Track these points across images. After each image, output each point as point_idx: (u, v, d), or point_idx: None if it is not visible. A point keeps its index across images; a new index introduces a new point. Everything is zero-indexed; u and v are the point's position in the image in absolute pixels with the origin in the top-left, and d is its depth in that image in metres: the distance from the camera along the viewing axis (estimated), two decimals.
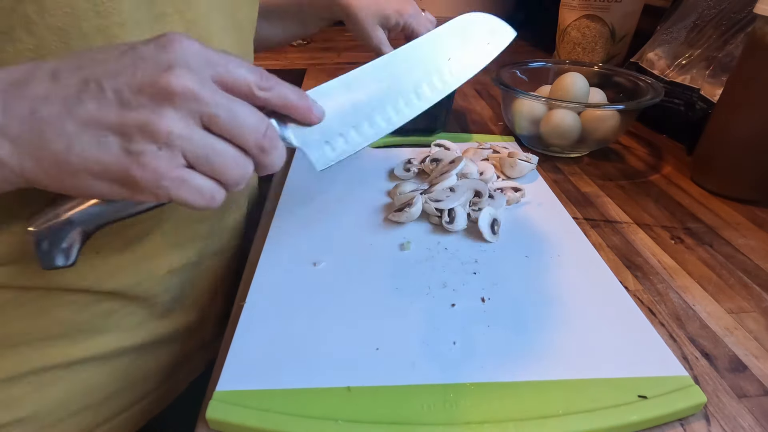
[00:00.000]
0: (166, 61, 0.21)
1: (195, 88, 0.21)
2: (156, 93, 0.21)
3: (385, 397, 0.24)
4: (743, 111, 0.43)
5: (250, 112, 0.23)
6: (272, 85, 0.24)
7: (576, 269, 0.34)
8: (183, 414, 0.42)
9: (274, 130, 0.24)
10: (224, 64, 0.22)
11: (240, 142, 0.23)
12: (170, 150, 0.21)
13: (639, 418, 0.24)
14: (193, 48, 0.22)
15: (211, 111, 0.22)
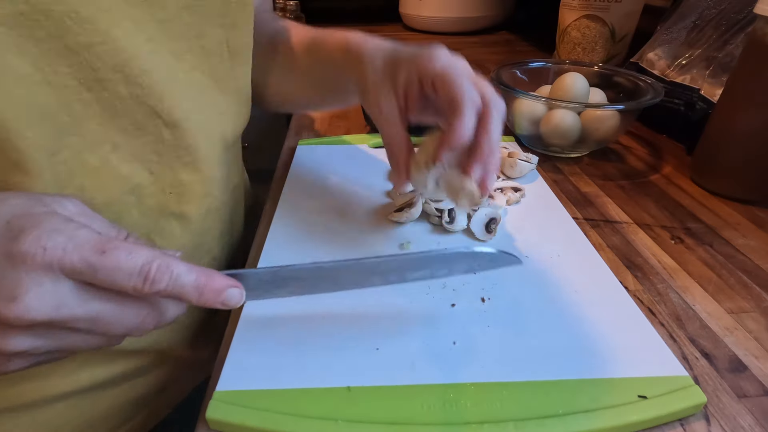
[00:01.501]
0: (13, 287, 0.18)
1: (45, 317, 0.19)
2: (2, 323, 0.19)
3: (385, 397, 0.24)
4: (743, 111, 0.43)
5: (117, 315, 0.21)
6: (159, 289, 0.20)
7: (576, 269, 0.34)
8: (183, 414, 0.42)
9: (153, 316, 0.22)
10: (91, 273, 0.19)
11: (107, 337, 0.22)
12: (22, 358, 0.20)
13: (639, 418, 0.24)
14: (48, 259, 0.19)
15: (69, 326, 0.20)
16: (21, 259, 0.18)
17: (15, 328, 0.19)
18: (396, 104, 0.31)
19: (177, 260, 0.21)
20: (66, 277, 0.19)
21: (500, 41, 1.15)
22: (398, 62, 0.31)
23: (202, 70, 0.33)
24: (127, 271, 0.20)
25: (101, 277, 0.20)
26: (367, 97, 0.33)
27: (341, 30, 0.39)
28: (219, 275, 0.23)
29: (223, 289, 0.23)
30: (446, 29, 1.18)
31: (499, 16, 1.21)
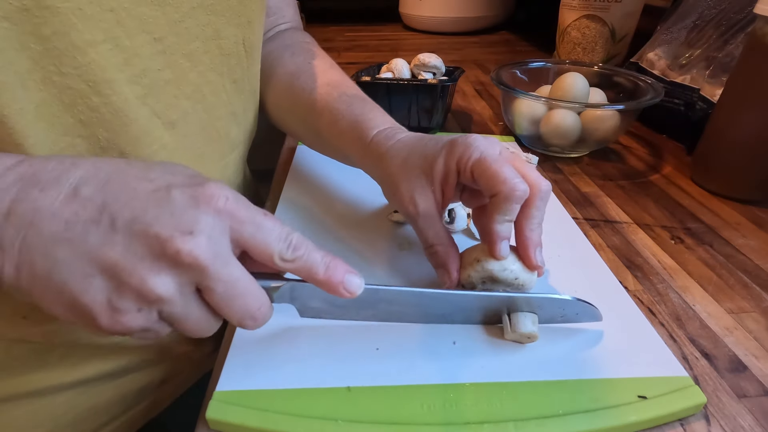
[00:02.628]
0: (191, 222, 0.19)
1: (205, 262, 0.19)
2: (164, 253, 0.19)
3: (385, 397, 0.24)
4: (743, 111, 0.43)
5: (249, 290, 0.22)
6: (298, 256, 0.22)
7: (576, 269, 0.34)
8: (183, 414, 0.42)
9: (267, 308, 0.23)
10: (251, 229, 0.21)
11: (223, 315, 0.22)
12: (150, 311, 0.20)
13: (639, 418, 0.24)
14: (227, 208, 0.20)
15: (211, 285, 0.20)
16: (205, 201, 0.20)
17: (171, 267, 0.19)
18: (433, 200, 0.30)
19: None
20: (230, 230, 0.21)
21: (500, 41, 1.15)
22: (432, 156, 0.30)
23: (220, 72, 0.32)
24: (279, 235, 0.22)
25: (260, 236, 0.21)
26: (397, 195, 0.31)
27: (362, 105, 0.36)
28: (340, 260, 0.24)
29: (344, 272, 0.23)
30: (446, 29, 1.18)
31: (499, 16, 1.21)
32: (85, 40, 0.23)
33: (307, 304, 0.27)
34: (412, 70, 0.65)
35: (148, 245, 0.19)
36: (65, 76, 0.24)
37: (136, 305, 0.20)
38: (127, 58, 0.26)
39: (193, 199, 0.20)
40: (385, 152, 0.32)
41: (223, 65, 0.33)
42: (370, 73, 0.65)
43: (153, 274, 0.19)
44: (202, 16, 0.29)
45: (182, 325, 0.22)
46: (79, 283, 0.19)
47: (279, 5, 0.47)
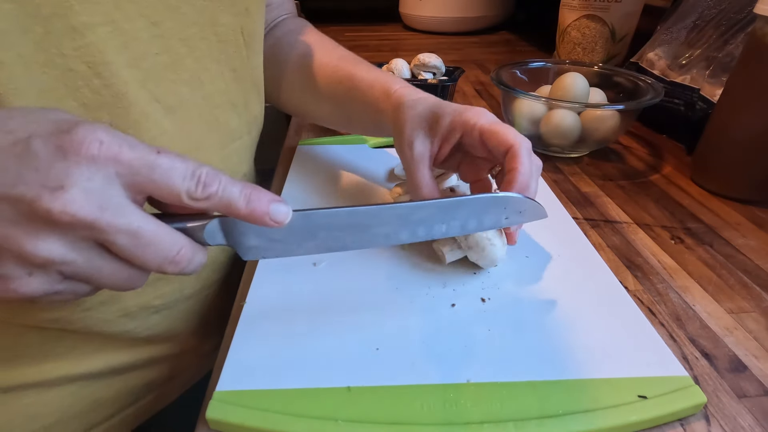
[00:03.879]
0: (59, 176, 0.17)
1: (87, 216, 0.17)
2: (35, 216, 0.17)
3: (385, 397, 0.24)
4: (743, 111, 0.43)
5: (159, 235, 0.20)
6: (212, 192, 0.20)
7: (576, 269, 0.34)
8: (183, 414, 0.42)
9: (188, 250, 0.21)
10: (145, 172, 0.19)
11: (138, 266, 0.20)
12: (45, 274, 0.18)
13: (639, 418, 0.24)
14: (104, 153, 0.18)
15: (109, 238, 0.18)
16: (74, 150, 0.17)
17: (50, 227, 0.17)
18: (429, 148, 0.33)
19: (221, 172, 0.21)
20: (117, 177, 0.18)
21: (500, 41, 1.15)
22: (441, 112, 0.33)
23: (218, 59, 0.33)
24: (182, 172, 0.19)
25: (157, 177, 0.19)
26: (400, 138, 0.34)
27: (380, 71, 0.40)
28: (263, 189, 0.22)
29: (269, 201, 0.22)
30: (446, 29, 1.18)
31: (499, 16, 1.21)
32: (83, 22, 0.24)
33: (242, 243, 0.25)
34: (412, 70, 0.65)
35: (15, 208, 0.17)
36: (66, 57, 0.24)
37: (24, 270, 0.18)
38: (126, 42, 0.26)
39: (60, 149, 0.17)
40: (404, 102, 0.35)
41: (220, 53, 0.33)
42: None
43: (30, 237, 0.17)
44: (198, 2, 0.30)
45: (97, 282, 0.20)
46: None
47: (281, 0, 0.50)
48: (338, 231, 0.26)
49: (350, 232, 0.26)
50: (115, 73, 0.26)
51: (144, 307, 0.34)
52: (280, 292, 0.32)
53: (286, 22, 0.50)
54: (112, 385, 0.36)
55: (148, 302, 0.34)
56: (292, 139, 0.57)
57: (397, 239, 0.27)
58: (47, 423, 0.34)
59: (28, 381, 0.32)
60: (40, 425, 0.33)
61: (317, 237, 0.26)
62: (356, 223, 0.26)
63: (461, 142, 0.33)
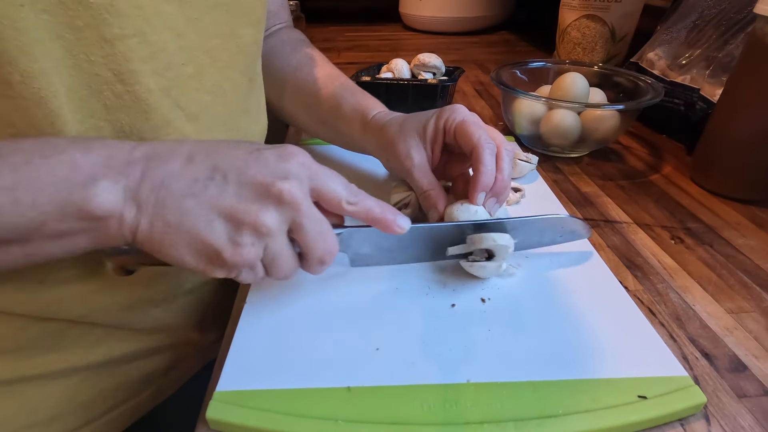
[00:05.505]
0: (284, 171, 0.24)
1: (299, 199, 0.24)
2: (269, 194, 0.24)
3: (385, 397, 0.24)
4: (743, 111, 0.43)
5: (329, 231, 0.26)
6: (359, 200, 0.27)
7: (576, 269, 0.34)
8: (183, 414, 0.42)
9: (337, 252, 0.27)
10: (324, 179, 0.26)
11: (308, 250, 0.26)
12: (261, 244, 0.24)
13: (639, 418, 0.24)
14: (305, 162, 0.25)
15: (303, 222, 0.25)
16: (290, 156, 0.25)
17: (275, 204, 0.24)
18: (425, 154, 0.36)
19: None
20: (309, 180, 0.25)
21: (500, 41, 1.15)
22: (424, 119, 0.36)
23: (240, 70, 0.35)
24: (342, 182, 0.27)
25: (331, 185, 0.26)
26: (394, 154, 0.36)
27: (362, 94, 0.43)
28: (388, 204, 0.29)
29: (395, 212, 0.28)
30: (446, 29, 1.18)
31: (499, 16, 1.21)
32: (114, 34, 0.25)
33: (358, 251, 0.32)
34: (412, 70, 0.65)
35: (255, 190, 0.24)
36: (93, 64, 0.26)
37: (251, 239, 0.24)
38: (154, 52, 0.28)
39: (281, 156, 0.25)
40: (385, 124, 0.38)
41: (240, 63, 0.35)
42: (370, 73, 0.65)
43: (263, 211, 0.24)
44: (218, 15, 0.31)
45: (276, 263, 0.26)
46: (205, 226, 0.23)
47: (277, 8, 0.51)
48: (429, 243, 0.33)
49: (435, 245, 0.33)
50: (139, 81, 0.27)
51: (144, 299, 0.35)
52: (280, 292, 0.32)
53: (281, 32, 0.50)
54: (113, 377, 0.37)
55: (149, 296, 0.35)
56: (293, 139, 0.57)
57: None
58: (48, 416, 0.34)
59: (31, 373, 0.32)
60: (42, 418, 0.34)
61: (415, 247, 0.33)
62: (443, 237, 0.32)
63: (445, 142, 0.36)
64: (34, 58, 0.23)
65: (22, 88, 0.23)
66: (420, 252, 0.33)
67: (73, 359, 0.34)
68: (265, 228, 0.24)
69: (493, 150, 0.33)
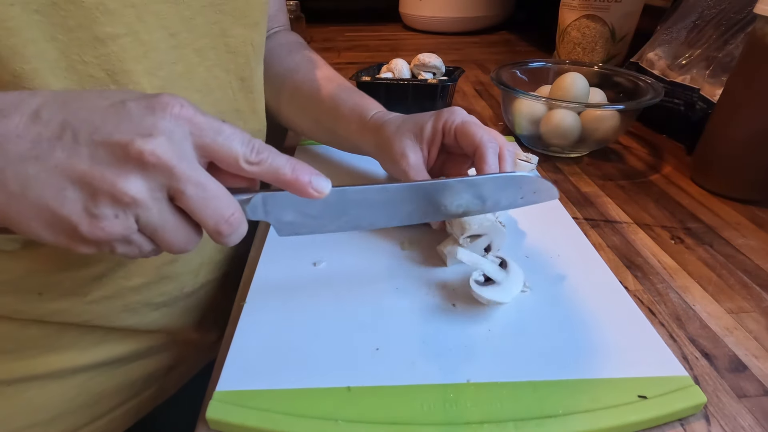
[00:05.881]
0: (149, 127, 0.20)
1: (170, 161, 0.20)
2: (129, 157, 0.20)
3: (385, 397, 0.24)
4: (743, 111, 0.43)
5: (220, 194, 0.22)
6: (263, 158, 0.23)
7: (576, 269, 0.34)
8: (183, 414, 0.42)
9: (240, 215, 0.23)
10: (211, 134, 0.22)
11: (199, 220, 0.22)
12: (126, 216, 0.21)
13: (639, 418, 0.24)
14: (182, 113, 0.21)
15: (180, 186, 0.21)
16: (161, 108, 0.21)
17: (138, 168, 0.20)
18: (421, 155, 0.36)
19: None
20: (191, 136, 0.21)
21: (500, 41, 1.15)
22: (421, 120, 0.36)
23: (227, 69, 0.34)
24: (241, 138, 0.22)
25: (221, 140, 0.22)
26: (390, 154, 0.36)
27: (360, 96, 0.42)
28: (305, 163, 0.25)
29: (311, 173, 0.24)
30: (446, 29, 1.18)
31: (499, 16, 1.21)
32: (107, 33, 0.25)
33: (281, 218, 0.27)
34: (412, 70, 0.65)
35: (112, 152, 0.20)
36: (87, 64, 0.25)
37: (112, 210, 0.20)
38: (146, 51, 0.27)
39: (149, 108, 0.21)
40: (382, 124, 0.38)
41: (229, 62, 0.34)
42: (370, 73, 0.65)
43: (122, 177, 0.20)
44: (211, 14, 0.31)
45: (161, 235, 0.22)
46: (54, 196, 0.20)
47: (276, 12, 0.51)
48: (368, 208, 0.29)
49: (379, 209, 0.29)
50: (133, 80, 0.27)
51: (145, 303, 0.35)
52: (280, 292, 0.32)
53: (279, 35, 0.50)
54: (114, 378, 0.37)
55: (150, 299, 0.35)
56: (292, 139, 0.57)
57: (423, 216, 0.30)
58: (49, 416, 0.34)
59: (31, 374, 0.32)
60: (42, 418, 0.34)
61: (349, 213, 0.28)
62: (386, 200, 0.29)
63: (443, 143, 0.35)
64: (26, 59, 0.23)
65: (14, 88, 0.23)
66: (363, 217, 0.29)
67: (74, 359, 0.34)
68: (128, 197, 0.20)
69: (495, 150, 0.33)
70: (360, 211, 0.29)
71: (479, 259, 0.30)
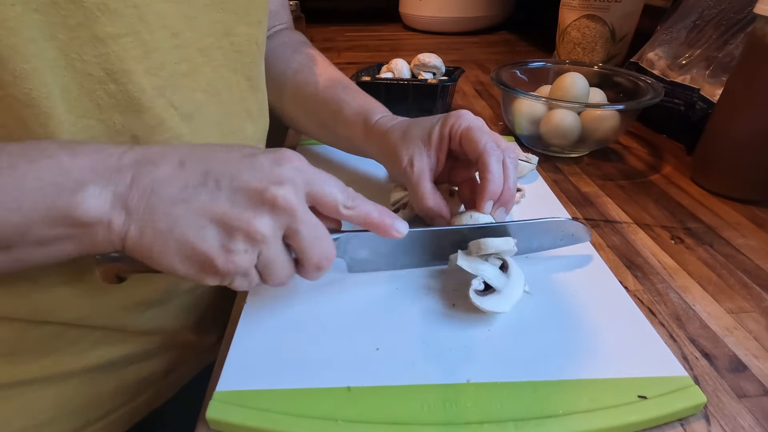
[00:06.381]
0: (278, 176, 0.24)
1: (294, 205, 0.23)
2: (263, 200, 0.23)
3: (385, 397, 0.24)
4: (743, 111, 0.43)
5: (327, 235, 0.26)
6: (357, 204, 0.26)
7: (576, 269, 0.34)
8: (183, 414, 0.42)
9: (334, 257, 0.27)
10: (320, 183, 0.25)
11: (305, 256, 0.25)
12: (254, 251, 0.24)
13: (639, 418, 0.24)
14: (300, 166, 0.25)
15: (299, 228, 0.24)
16: (286, 161, 0.25)
17: (269, 211, 0.23)
18: (428, 162, 0.35)
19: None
20: (304, 185, 0.25)
21: (500, 41, 1.15)
22: (429, 125, 0.35)
23: (234, 68, 0.34)
24: (339, 186, 0.26)
25: (327, 189, 0.25)
26: (397, 160, 0.36)
27: (365, 97, 0.42)
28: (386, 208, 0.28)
29: (393, 217, 0.28)
30: (446, 29, 1.18)
31: (499, 16, 1.21)
32: (107, 32, 0.25)
33: (355, 257, 0.32)
34: (412, 70, 0.65)
35: (248, 196, 0.23)
36: (86, 63, 0.25)
37: (244, 246, 0.23)
38: (147, 51, 0.27)
39: (276, 161, 0.24)
40: (388, 129, 0.38)
41: (236, 62, 0.34)
42: (370, 73, 0.65)
43: (257, 218, 0.23)
44: (213, 12, 0.31)
45: (271, 270, 0.25)
46: (196, 233, 0.23)
47: (277, 9, 0.50)
48: (428, 247, 0.32)
49: (435, 249, 0.33)
50: (132, 80, 0.27)
51: (140, 301, 0.35)
52: (280, 292, 0.32)
53: (282, 34, 0.50)
54: (110, 381, 0.36)
55: (145, 296, 0.35)
56: (293, 139, 0.57)
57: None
58: (45, 419, 0.34)
59: (28, 377, 0.32)
60: (39, 421, 0.34)
61: (413, 253, 0.33)
62: (443, 242, 0.32)
63: (449, 148, 0.35)
64: (26, 58, 0.23)
65: (14, 88, 0.23)
66: (419, 256, 0.33)
67: (70, 363, 0.34)
68: (259, 235, 0.23)
69: (499, 157, 0.32)
70: (422, 250, 0.33)
71: (479, 264, 0.30)
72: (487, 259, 0.31)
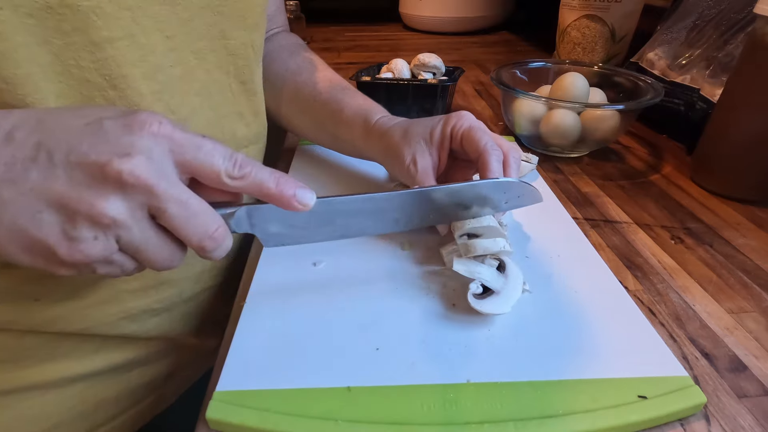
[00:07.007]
0: (127, 146, 0.20)
1: (149, 181, 0.20)
2: (105, 177, 0.19)
3: (385, 397, 0.24)
4: (743, 111, 0.43)
5: (202, 210, 0.22)
6: (246, 172, 0.23)
7: (576, 269, 0.34)
8: (183, 414, 0.42)
9: (224, 230, 0.23)
10: (193, 150, 0.21)
11: (182, 237, 0.22)
12: (106, 237, 0.20)
13: (639, 418, 0.24)
14: (162, 131, 0.21)
15: (161, 205, 0.20)
16: (138, 127, 0.20)
17: (116, 189, 0.19)
18: (431, 160, 0.35)
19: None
20: (171, 153, 0.21)
21: (500, 41, 1.15)
22: (431, 125, 0.36)
23: (227, 71, 0.34)
24: (222, 153, 0.22)
25: (202, 156, 0.21)
26: (399, 159, 0.36)
27: (364, 99, 0.42)
28: (289, 176, 0.24)
29: (295, 186, 0.24)
30: (446, 29, 1.18)
31: (499, 16, 1.21)
32: (103, 37, 0.25)
33: (267, 230, 0.27)
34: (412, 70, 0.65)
35: (89, 173, 0.19)
36: (83, 69, 0.25)
37: (92, 232, 0.20)
38: (143, 55, 0.27)
39: (126, 127, 0.20)
40: (388, 129, 0.38)
41: (229, 65, 0.34)
42: (370, 73, 0.65)
43: (101, 198, 0.19)
44: (209, 15, 0.31)
45: (144, 255, 0.22)
46: (30, 220, 0.19)
47: (274, 12, 0.50)
48: (354, 217, 0.29)
49: (365, 218, 0.29)
50: (131, 85, 0.27)
51: (144, 310, 0.34)
52: (280, 292, 0.32)
53: (278, 37, 0.50)
54: (112, 386, 0.36)
55: (149, 305, 0.35)
56: (293, 139, 0.57)
57: (409, 224, 0.30)
58: (48, 425, 0.34)
59: (30, 383, 0.32)
60: (41, 428, 0.33)
61: (335, 223, 0.29)
62: (372, 209, 0.29)
63: (450, 147, 0.35)
64: (18, 64, 0.23)
65: (7, 94, 0.23)
66: (347, 228, 0.29)
67: (72, 368, 0.33)
68: (107, 218, 0.19)
69: (499, 157, 0.33)
70: (346, 221, 0.29)
71: (475, 267, 0.30)
72: (483, 261, 0.31)
